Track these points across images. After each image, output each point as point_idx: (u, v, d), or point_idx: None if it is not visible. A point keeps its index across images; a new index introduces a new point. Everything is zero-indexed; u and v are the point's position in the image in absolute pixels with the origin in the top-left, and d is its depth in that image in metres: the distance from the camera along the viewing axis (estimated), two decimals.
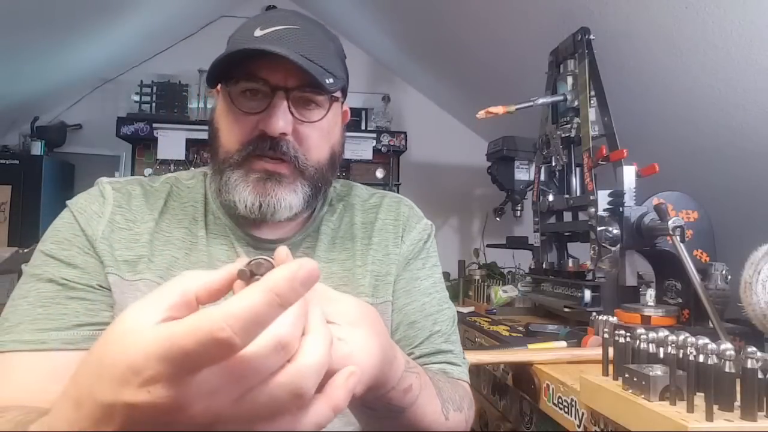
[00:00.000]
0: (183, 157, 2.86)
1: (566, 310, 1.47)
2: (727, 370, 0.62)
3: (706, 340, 0.66)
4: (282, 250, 0.40)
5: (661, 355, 0.71)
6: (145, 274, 0.69)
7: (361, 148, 2.99)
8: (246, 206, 0.69)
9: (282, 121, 0.67)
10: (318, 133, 0.72)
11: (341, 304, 0.44)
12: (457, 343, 0.83)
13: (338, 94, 0.74)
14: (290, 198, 0.70)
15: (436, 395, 0.64)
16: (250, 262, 0.37)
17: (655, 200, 1.22)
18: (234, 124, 0.70)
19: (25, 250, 2.26)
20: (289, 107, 0.68)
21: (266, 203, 0.69)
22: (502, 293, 1.89)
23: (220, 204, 0.77)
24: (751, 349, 0.62)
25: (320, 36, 0.72)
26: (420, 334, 0.79)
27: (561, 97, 1.60)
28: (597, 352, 1.01)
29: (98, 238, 0.69)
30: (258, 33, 0.68)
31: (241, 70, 0.68)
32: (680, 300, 1.19)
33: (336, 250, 0.79)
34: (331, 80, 0.69)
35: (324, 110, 0.72)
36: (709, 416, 0.60)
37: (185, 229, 0.75)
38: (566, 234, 1.66)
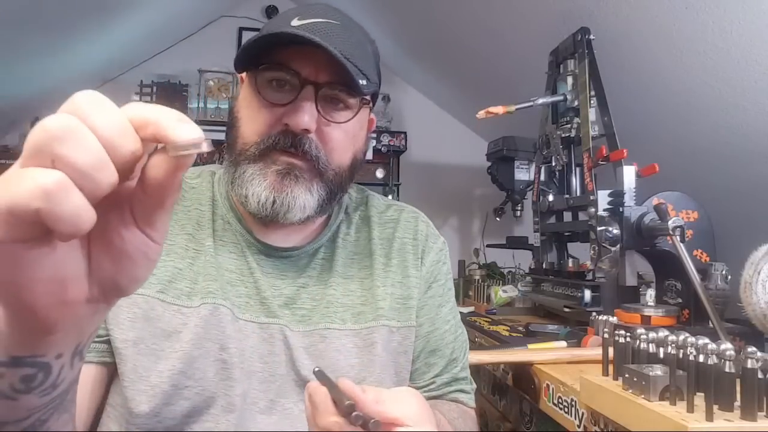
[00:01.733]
0: None
1: (566, 310, 1.47)
2: (727, 370, 0.62)
3: (706, 340, 0.66)
4: (346, 384, 0.51)
5: (661, 355, 0.71)
6: (144, 289, 0.65)
7: None
8: (259, 202, 0.65)
9: (307, 116, 0.63)
10: (343, 136, 0.68)
11: (406, 405, 0.53)
12: (467, 369, 0.84)
13: (368, 98, 0.71)
14: (305, 197, 0.66)
15: None
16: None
17: (655, 200, 1.22)
18: (257, 114, 0.66)
19: None
20: (316, 103, 0.65)
21: (280, 200, 0.65)
22: (502, 293, 1.89)
23: (230, 206, 0.73)
24: (751, 349, 0.62)
25: (359, 35, 0.69)
26: (440, 362, 0.79)
27: (561, 97, 1.60)
28: (597, 352, 1.01)
29: None
30: (296, 23, 0.65)
31: (271, 58, 0.65)
32: (680, 300, 1.19)
33: (355, 267, 0.76)
34: (365, 82, 0.65)
35: (352, 112, 0.68)
36: (709, 416, 0.60)
37: (189, 235, 0.71)
38: (566, 234, 1.66)
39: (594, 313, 1.19)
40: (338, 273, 0.74)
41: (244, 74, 0.70)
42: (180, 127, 0.31)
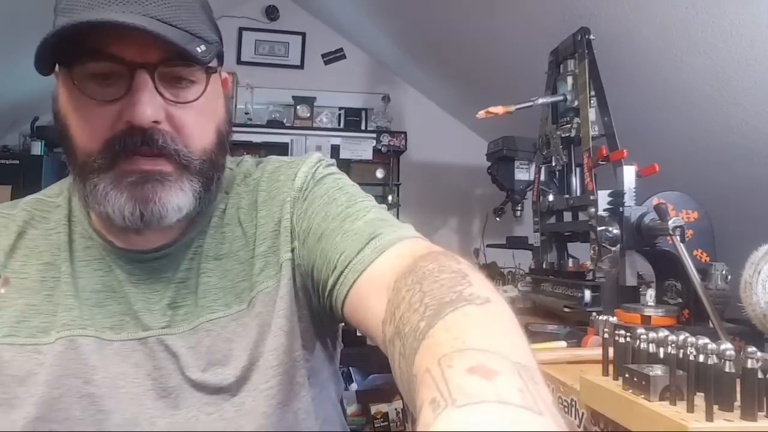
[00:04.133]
0: None
1: (566, 310, 1.47)
2: (727, 370, 0.62)
3: (706, 340, 0.66)
4: None
5: (661, 355, 0.71)
6: None
7: (361, 148, 2.99)
8: (124, 217, 0.56)
9: (150, 107, 0.53)
10: (198, 115, 0.59)
11: None
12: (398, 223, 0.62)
13: (214, 62, 0.61)
14: (177, 199, 0.57)
15: None
16: None
17: (655, 200, 1.22)
18: (88, 118, 0.56)
19: None
20: (156, 88, 0.54)
21: (149, 211, 0.56)
22: (502, 293, 1.89)
23: (90, 221, 0.65)
24: (751, 349, 0.62)
25: None
26: (333, 237, 0.61)
27: (561, 97, 1.60)
28: (597, 352, 1.01)
29: None
30: None
31: (83, 48, 0.53)
32: (680, 300, 1.19)
33: (226, 243, 0.67)
34: (203, 47, 0.55)
35: (201, 85, 0.58)
36: (709, 416, 0.60)
37: (46, 264, 0.63)
38: (566, 234, 1.66)
39: (594, 313, 1.18)
40: (210, 257, 0.66)
41: (56, 71, 0.58)
42: None
